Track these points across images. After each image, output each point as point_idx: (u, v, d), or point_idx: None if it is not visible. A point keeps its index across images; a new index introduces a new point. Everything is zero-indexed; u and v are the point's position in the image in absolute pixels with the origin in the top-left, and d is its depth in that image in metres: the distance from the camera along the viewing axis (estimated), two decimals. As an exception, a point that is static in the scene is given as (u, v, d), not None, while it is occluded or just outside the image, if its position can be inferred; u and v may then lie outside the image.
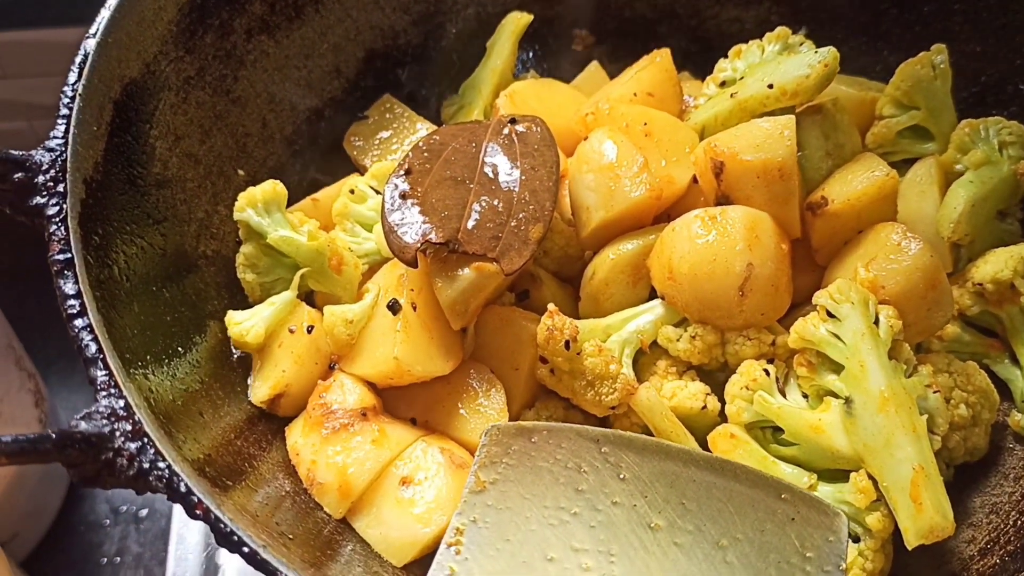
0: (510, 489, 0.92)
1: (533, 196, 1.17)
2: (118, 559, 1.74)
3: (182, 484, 0.87)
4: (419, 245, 1.12)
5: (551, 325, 1.12)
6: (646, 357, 1.21)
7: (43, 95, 1.87)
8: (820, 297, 1.09)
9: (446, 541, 0.88)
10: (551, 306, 1.14)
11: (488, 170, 1.20)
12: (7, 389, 1.55)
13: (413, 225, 1.14)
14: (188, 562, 1.40)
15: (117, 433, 0.88)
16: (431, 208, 1.16)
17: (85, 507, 1.80)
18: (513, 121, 1.26)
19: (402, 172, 1.19)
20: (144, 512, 1.78)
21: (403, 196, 1.17)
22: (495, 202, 1.17)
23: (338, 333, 1.16)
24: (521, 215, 1.16)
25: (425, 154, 1.22)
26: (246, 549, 0.86)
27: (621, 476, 0.92)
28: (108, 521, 1.78)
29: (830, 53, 1.19)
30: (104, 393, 0.90)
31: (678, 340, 1.17)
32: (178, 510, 1.46)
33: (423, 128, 1.43)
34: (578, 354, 1.13)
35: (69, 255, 0.97)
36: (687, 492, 0.91)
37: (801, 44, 1.28)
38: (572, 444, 0.94)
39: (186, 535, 1.44)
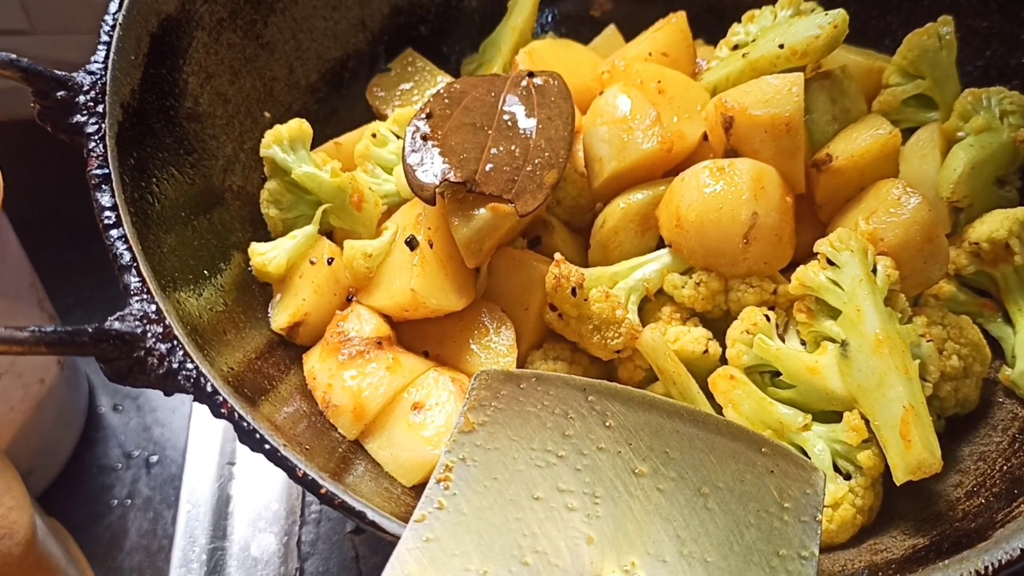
0: (498, 431, 0.94)
1: (549, 144, 1.22)
2: (128, 501, 1.77)
3: (209, 384, 0.92)
4: (438, 184, 1.17)
5: (558, 273, 1.17)
6: (651, 304, 1.25)
7: (71, 51, 1.90)
8: (821, 245, 1.13)
9: (435, 477, 0.90)
10: (557, 255, 1.18)
11: (506, 118, 1.25)
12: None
13: (433, 165, 1.19)
14: (201, 492, 1.44)
15: (148, 334, 0.93)
16: (450, 150, 1.20)
17: (98, 450, 1.84)
18: (531, 75, 1.31)
19: (423, 116, 1.24)
20: (155, 457, 1.82)
21: (424, 138, 1.22)
22: (512, 148, 1.21)
23: (357, 266, 1.21)
24: (537, 161, 1.20)
25: (446, 100, 1.27)
26: (268, 446, 0.91)
27: (607, 424, 0.94)
28: (120, 465, 1.82)
29: (839, 15, 1.23)
30: (137, 297, 0.95)
31: (683, 287, 1.21)
32: (193, 444, 1.51)
33: (443, 81, 1.48)
34: (585, 300, 1.17)
35: (106, 170, 1.02)
36: (671, 442, 0.93)
37: (813, 10, 1.33)
38: (560, 391, 0.96)
39: (198, 468, 1.48)
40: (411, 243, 1.19)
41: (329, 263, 1.23)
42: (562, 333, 1.22)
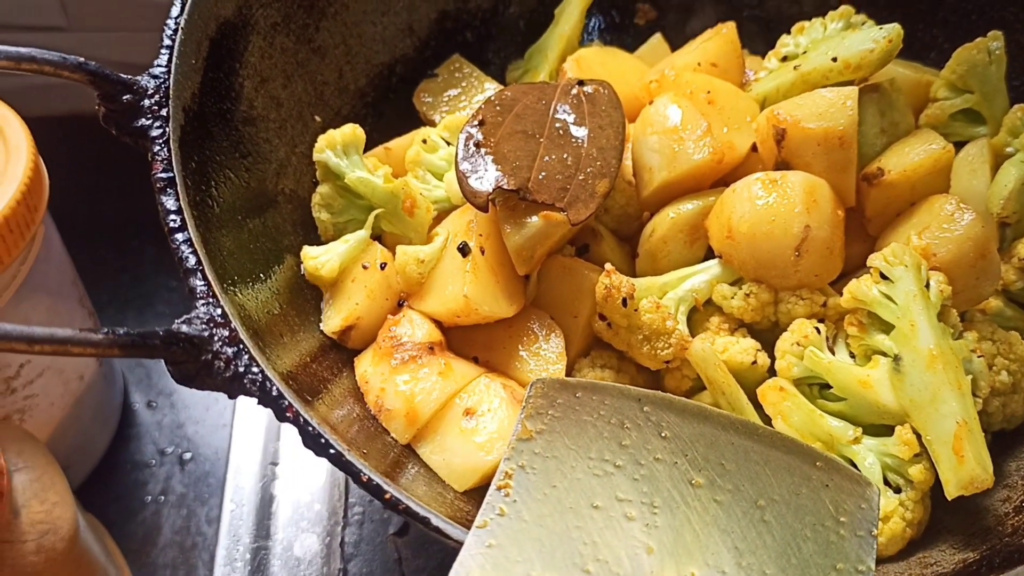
0: (556, 439, 0.94)
1: (600, 153, 1.23)
2: (162, 498, 1.79)
3: (274, 388, 0.93)
4: (491, 192, 1.18)
5: (609, 284, 1.18)
6: (699, 314, 1.26)
7: (107, 49, 1.91)
8: (875, 259, 1.14)
9: (496, 484, 0.91)
10: (608, 265, 1.19)
11: (558, 126, 1.26)
12: (71, 323, 1.60)
13: (486, 173, 1.20)
14: (245, 491, 1.46)
15: (215, 338, 0.94)
16: (503, 158, 1.21)
17: (132, 447, 1.85)
18: (581, 83, 1.31)
19: (476, 123, 1.25)
20: (188, 455, 1.83)
21: (477, 145, 1.22)
22: (564, 156, 1.22)
23: (410, 271, 1.22)
24: (589, 170, 1.21)
25: (497, 107, 1.27)
26: (333, 451, 0.92)
27: (663, 434, 0.95)
28: (154, 462, 1.83)
29: (894, 29, 1.24)
30: (203, 301, 0.96)
31: (732, 298, 1.22)
32: (236, 444, 1.53)
33: (491, 87, 1.49)
34: (635, 311, 1.18)
35: (171, 174, 1.03)
36: (726, 454, 0.94)
37: (864, 23, 1.33)
38: (615, 401, 0.97)
39: (242, 468, 1.50)
40: (463, 249, 1.20)
41: (382, 268, 1.24)
42: (610, 342, 1.22)
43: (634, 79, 1.43)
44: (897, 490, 1.10)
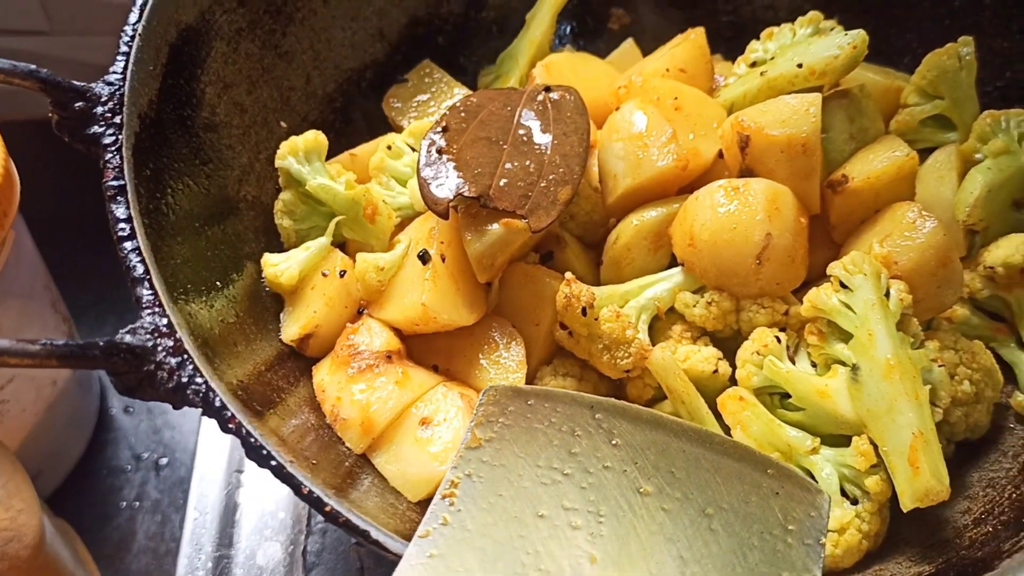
0: (505, 447, 0.95)
1: (564, 160, 1.22)
2: (137, 504, 1.78)
3: (217, 399, 0.93)
4: (452, 199, 1.17)
5: (568, 292, 1.17)
6: (662, 322, 1.25)
7: (90, 53, 1.91)
8: (834, 268, 1.13)
9: (441, 492, 0.91)
10: (568, 274, 1.18)
11: (522, 133, 1.25)
12: (43, 328, 1.60)
13: (447, 179, 1.19)
14: (209, 499, 1.45)
15: (159, 348, 0.93)
16: (465, 164, 1.20)
17: (108, 452, 1.85)
18: (548, 89, 1.30)
19: (439, 129, 1.24)
20: (165, 460, 1.83)
21: (439, 152, 1.22)
22: (527, 163, 1.21)
23: (369, 279, 1.21)
24: (551, 177, 1.20)
25: (462, 114, 1.27)
26: (274, 463, 0.91)
27: (613, 442, 0.95)
28: (129, 467, 1.83)
29: (859, 35, 1.23)
30: (148, 311, 0.96)
31: (694, 306, 1.21)
32: (202, 451, 1.52)
33: (460, 93, 1.48)
34: (595, 320, 1.17)
35: (122, 182, 1.03)
36: (676, 461, 0.94)
37: (832, 28, 1.32)
38: (567, 409, 0.97)
39: (207, 475, 1.49)
40: (423, 257, 1.19)
41: (341, 275, 1.23)
42: (572, 351, 1.22)
43: (604, 85, 1.43)
44: (854, 501, 1.09)
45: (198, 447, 1.50)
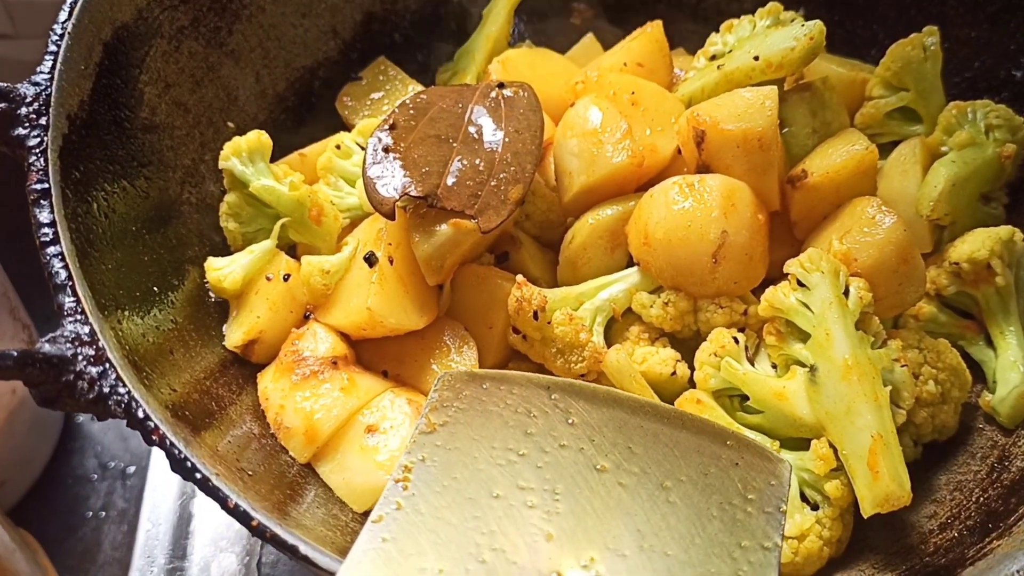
0: (459, 431, 0.94)
1: (515, 158, 1.18)
2: (103, 513, 1.74)
3: (140, 410, 0.89)
4: (398, 198, 1.13)
5: (520, 296, 1.13)
6: (619, 323, 1.21)
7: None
8: (791, 266, 1.09)
9: (393, 478, 0.90)
10: (519, 277, 1.15)
11: (472, 130, 1.21)
12: (0, 336, 1.57)
13: (393, 179, 1.15)
14: (162, 510, 1.41)
15: (79, 357, 0.89)
16: (412, 163, 1.17)
17: (74, 461, 1.81)
18: (501, 86, 1.27)
19: (387, 127, 1.21)
20: (132, 469, 1.79)
21: (386, 150, 1.18)
22: (477, 161, 1.18)
23: (314, 283, 1.18)
24: (502, 175, 1.16)
25: (411, 111, 1.23)
26: (199, 475, 0.88)
27: (570, 421, 0.95)
28: (96, 476, 1.79)
29: (816, 26, 1.19)
30: (70, 319, 0.92)
31: (651, 307, 1.17)
32: (155, 461, 1.48)
33: (414, 90, 1.44)
34: (548, 323, 1.14)
35: (46, 185, 0.99)
36: (634, 437, 0.94)
37: (793, 20, 1.29)
38: (523, 390, 0.96)
39: (160, 486, 1.45)
40: (370, 259, 1.16)
41: (285, 279, 1.19)
42: (526, 354, 1.18)
43: (563, 80, 1.39)
44: (815, 507, 1.05)
45: (151, 456, 1.47)
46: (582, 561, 0.86)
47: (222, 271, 1.20)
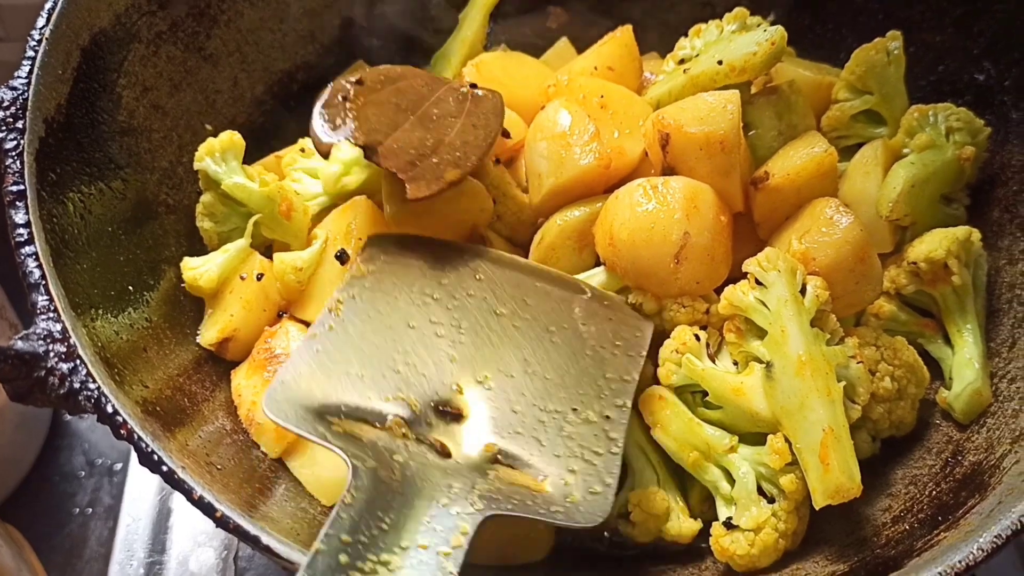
0: (384, 277, 1.14)
1: (463, 146, 1.22)
2: (90, 510, 1.76)
3: (109, 405, 0.92)
4: (337, 142, 1.20)
5: None
6: (587, 321, 1.24)
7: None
8: (749, 265, 1.12)
9: (328, 307, 1.10)
10: None
11: (434, 112, 1.25)
12: (-12, 334, 1.59)
13: (341, 125, 1.21)
14: (143, 505, 1.44)
15: (51, 354, 0.92)
16: (364, 118, 1.22)
17: (61, 458, 1.83)
18: (474, 87, 1.30)
19: (354, 80, 1.24)
20: (119, 466, 1.81)
21: (344, 98, 1.23)
22: (426, 137, 1.22)
23: (288, 280, 1.21)
24: (445, 156, 1.21)
25: (382, 77, 1.27)
26: (165, 468, 0.90)
27: (478, 276, 1.17)
28: (83, 473, 1.81)
29: (777, 31, 1.22)
30: (43, 316, 0.95)
31: (618, 305, 1.20)
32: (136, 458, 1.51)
33: (391, 94, 1.47)
34: None
35: (22, 187, 1.02)
36: (529, 293, 1.17)
37: (758, 25, 1.31)
38: (440, 249, 1.18)
39: (141, 481, 1.48)
40: (341, 257, 1.18)
41: (259, 279, 1.22)
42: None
43: (536, 84, 1.41)
44: (771, 500, 1.08)
45: (132, 451, 1.49)
46: (478, 378, 1.07)
47: (197, 270, 1.23)
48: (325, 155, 1.19)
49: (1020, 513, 0.92)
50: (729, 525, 1.08)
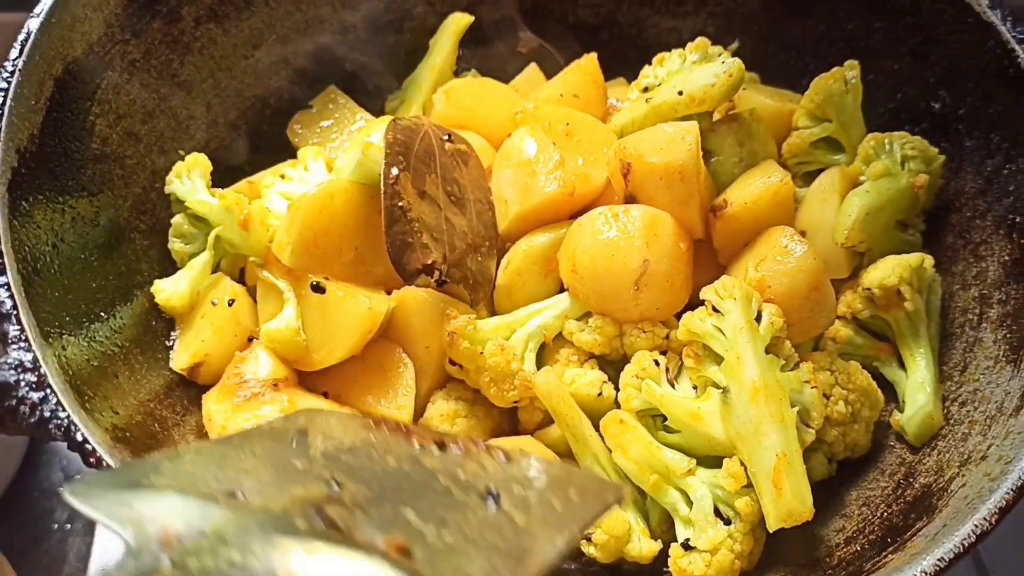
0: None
1: (486, 229, 1.28)
2: (68, 526, 1.78)
3: (79, 434, 0.94)
4: (421, 269, 1.21)
5: (451, 330, 1.19)
6: (551, 346, 1.26)
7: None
8: (706, 292, 1.15)
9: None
10: (448, 311, 1.21)
11: (449, 191, 1.26)
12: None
13: (418, 249, 1.21)
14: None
15: (22, 383, 0.95)
16: (424, 225, 1.22)
17: (40, 474, 1.85)
18: (449, 138, 1.30)
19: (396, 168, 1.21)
20: (98, 481, 1.83)
21: (401, 209, 1.20)
22: (462, 228, 1.25)
23: (295, 345, 1.21)
24: (482, 248, 1.26)
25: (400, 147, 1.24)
26: (133, 496, 0.92)
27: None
28: (62, 488, 1.82)
29: (735, 64, 1.25)
30: (15, 346, 0.97)
31: (581, 332, 1.23)
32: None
33: (362, 119, 1.50)
34: (481, 353, 1.19)
35: (-6, 219, 1.04)
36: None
37: (719, 55, 1.34)
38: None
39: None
40: (317, 288, 1.21)
41: (230, 304, 1.24)
42: (465, 380, 1.23)
43: (505, 110, 1.44)
44: (727, 522, 1.11)
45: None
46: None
47: (168, 291, 1.25)
48: (409, 282, 1.22)
49: (962, 537, 0.96)
50: (687, 546, 1.11)
